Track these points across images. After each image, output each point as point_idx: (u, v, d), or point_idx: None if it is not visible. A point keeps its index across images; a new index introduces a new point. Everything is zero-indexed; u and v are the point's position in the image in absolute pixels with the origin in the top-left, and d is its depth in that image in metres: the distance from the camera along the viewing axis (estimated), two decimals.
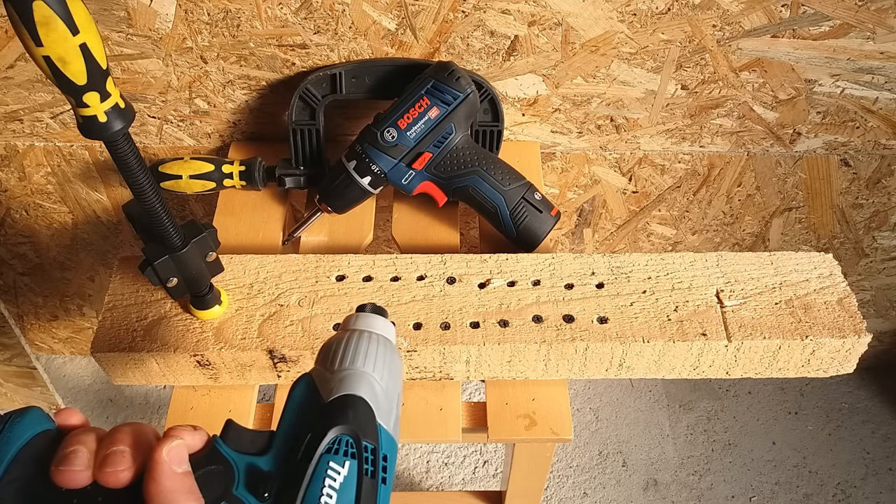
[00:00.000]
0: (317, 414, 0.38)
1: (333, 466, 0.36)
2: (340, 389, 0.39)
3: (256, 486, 0.35)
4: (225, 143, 0.96)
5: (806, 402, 1.40)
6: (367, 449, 0.37)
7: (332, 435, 0.36)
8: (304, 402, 0.39)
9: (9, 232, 1.13)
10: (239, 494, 0.35)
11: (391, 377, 0.41)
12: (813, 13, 0.80)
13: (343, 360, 0.40)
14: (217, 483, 0.35)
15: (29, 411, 0.35)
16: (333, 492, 0.35)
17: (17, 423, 0.34)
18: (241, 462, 0.36)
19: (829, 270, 0.70)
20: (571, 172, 1.01)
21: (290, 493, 0.35)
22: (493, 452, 1.34)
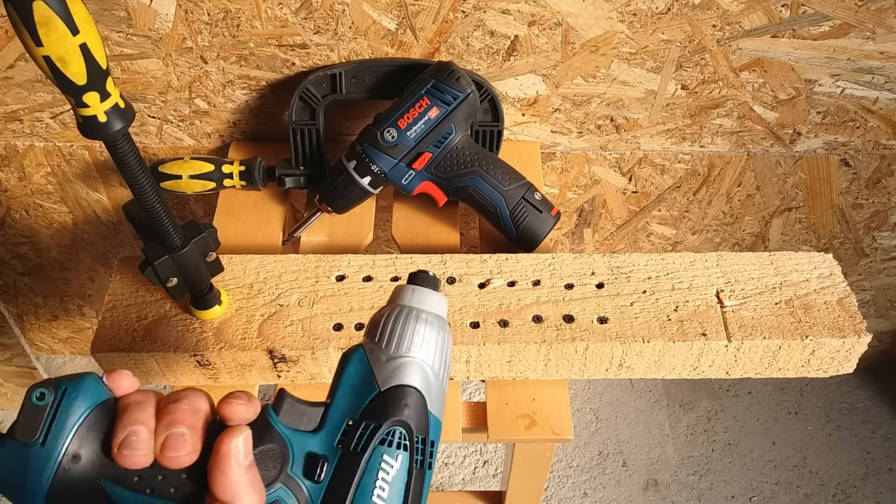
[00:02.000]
0: (371, 400, 0.38)
1: (387, 459, 0.37)
2: (395, 379, 0.39)
3: (310, 468, 0.36)
4: (225, 143, 0.96)
5: (806, 402, 1.40)
6: (419, 440, 0.38)
7: (387, 427, 0.37)
8: (358, 383, 0.39)
9: (9, 232, 1.13)
10: (293, 475, 0.36)
11: (442, 361, 0.42)
12: (813, 13, 0.80)
13: (399, 346, 0.40)
14: (273, 463, 0.36)
15: (84, 380, 0.35)
16: (386, 484, 0.36)
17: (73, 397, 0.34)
18: (295, 441, 0.37)
19: (829, 270, 0.70)
20: (571, 172, 1.01)
21: (343, 480, 0.36)
22: (493, 452, 1.34)
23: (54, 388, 0.34)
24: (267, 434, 0.37)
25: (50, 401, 0.34)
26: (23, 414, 0.34)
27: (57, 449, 0.33)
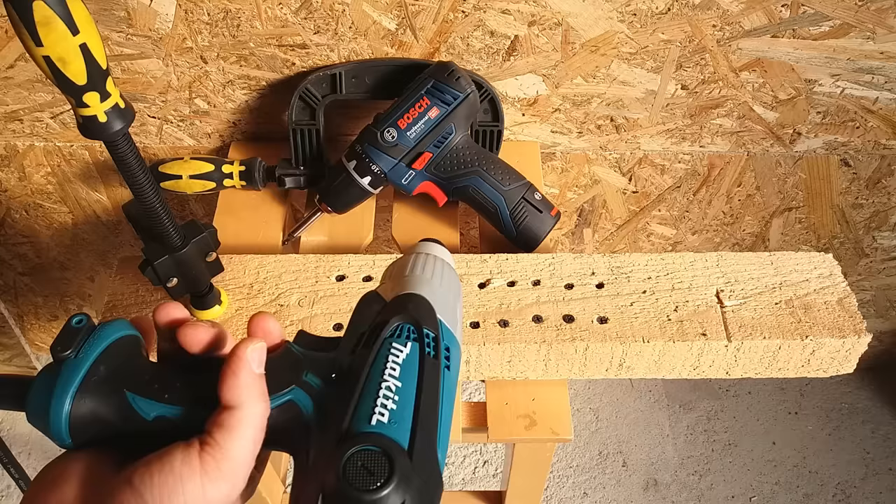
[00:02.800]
0: (379, 312, 0.39)
1: (396, 346, 0.37)
2: (402, 290, 0.41)
3: (324, 371, 0.37)
4: (225, 143, 0.96)
5: (806, 402, 1.40)
6: (428, 335, 0.38)
7: (395, 322, 0.38)
8: (368, 308, 0.40)
9: (9, 232, 1.13)
10: (308, 380, 0.37)
11: (451, 288, 0.43)
12: (813, 13, 0.80)
13: (402, 271, 0.42)
14: (288, 368, 0.37)
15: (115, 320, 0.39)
16: (396, 366, 0.36)
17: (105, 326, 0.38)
18: (310, 357, 0.38)
19: (829, 270, 0.70)
20: (571, 172, 1.01)
21: (355, 372, 0.36)
22: (493, 452, 1.34)
23: (89, 317, 0.38)
24: (284, 350, 0.39)
25: (85, 325, 0.37)
26: (62, 334, 0.37)
27: (87, 361, 0.36)
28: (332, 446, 0.33)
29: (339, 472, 0.31)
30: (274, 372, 0.37)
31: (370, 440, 0.32)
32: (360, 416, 0.34)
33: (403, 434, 0.33)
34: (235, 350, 0.35)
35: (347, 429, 0.33)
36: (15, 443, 1.34)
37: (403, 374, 0.36)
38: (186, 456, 0.33)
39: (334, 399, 0.36)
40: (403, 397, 0.35)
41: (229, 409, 0.34)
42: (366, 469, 0.31)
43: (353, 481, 0.31)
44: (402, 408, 0.34)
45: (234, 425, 0.34)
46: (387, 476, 0.31)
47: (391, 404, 0.34)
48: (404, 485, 0.31)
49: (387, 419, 0.33)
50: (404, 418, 0.34)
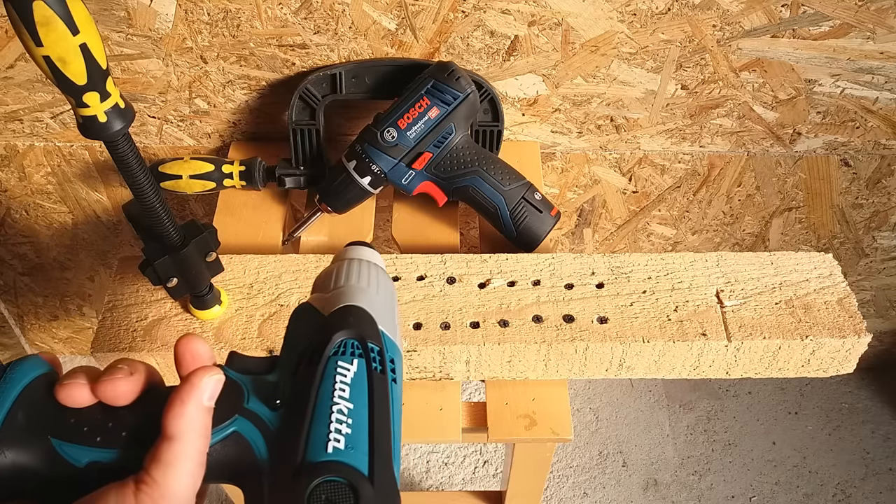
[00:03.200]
0: (318, 328, 0.37)
1: (342, 365, 0.35)
2: (339, 302, 0.39)
3: (267, 396, 0.35)
4: (225, 143, 0.96)
5: (806, 402, 1.40)
6: (373, 350, 0.37)
7: (337, 339, 0.36)
8: (305, 323, 0.38)
9: (9, 232, 1.13)
10: (251, 407, 0.35)
11: (387, 294, 0.41)
12: (813, 13, 0.80)
13: (337, 281, 0.40)
14: (228, 399, 0.34)
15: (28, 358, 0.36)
16: (346, 386, 0.34)
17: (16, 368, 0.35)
18: (249, 381, 0.36)
19: (829, 270, 0.70)
20: (571, 172, 1.01)
21: (302, 396, 0.34)
22: (493, 452, 1.34)
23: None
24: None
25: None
26: None
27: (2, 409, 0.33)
28: (289, 479, 0.31)
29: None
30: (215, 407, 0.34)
31: (330, 470, 0.31)
32: (314, 444, 0.32)
33: (362, 459, 0.32)
34: (191, 377, 0.33)
35: (303, 460, 0.32)
36: None
37: (353, 393, 0.34)
38: (121, 495, 0.31)
39: (282, 426, 0.34)
40: (357, 419, 0.34)
41: (169, 440, 0.32)
42: (330, 503, 0.30)
43: None
44: (357, 430, 0.33)
45: (172, 460, 0.31)
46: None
47: (345, 428, 0.33)
48: None
49: (343, 445, 0.32)
50: (360, 441, 0.33)
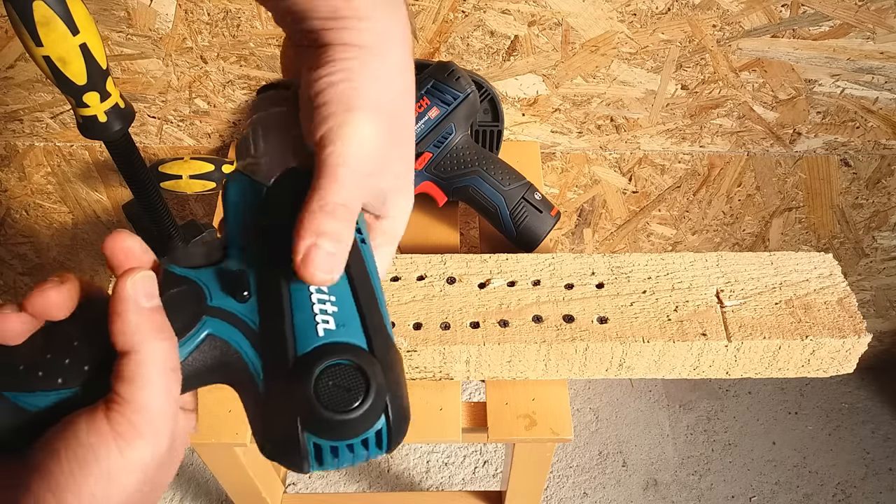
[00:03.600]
0: (266, 201, 0.33)
1: None
2: (279, 166, 0.34)
3: (231, 288, 0.31)
4: (225, 143, 0.96)
5: (806, 402, 1.40)
6: None
7: None
8: (245, 195, 0.34)
9: (9, 232, 1.13)
10: (217, 304, 0.31)
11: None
12: (813, 13, 0.80)
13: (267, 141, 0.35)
14: (187, 302, 0.31)
15: None
16: None
17: None
18: (204, 276, 0.32)
19: (829, 270, 0.70)
20: (571, 172, 1.01)
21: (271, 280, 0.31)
22: (493, 452, 1.34)
23: None
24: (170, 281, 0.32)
25: None
26: None
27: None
28: (287, 375, 0.29)
29: (313, 400, 0.28)
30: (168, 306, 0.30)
31: (328, 354, 0.29)
32: (302, 331, 0.30)
33: (357, 333, 0.30)
34: (115, 288, 0.30)
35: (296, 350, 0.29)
36: None
37: None
38: (92, 422, 0.28)
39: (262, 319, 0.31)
40: (338, 293, 0.31)
41: (125, 355, 0.29)
42: (339, 388, 0.29)
43: (331, 405, 0.28)
44: (343, 305, 0.31)
45: (135, 373, 0.29)
46: (365, 387, 0.29)
47: (330, 306, 0.31)
48: (381, 386, 0.29)
49: (333, 324, 0.30)
50: (350, 316, 0.31)
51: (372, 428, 0.29)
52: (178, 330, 0.30)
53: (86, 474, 0.28)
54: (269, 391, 0.30)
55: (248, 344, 0.30)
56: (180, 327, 0.30)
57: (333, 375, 0.29)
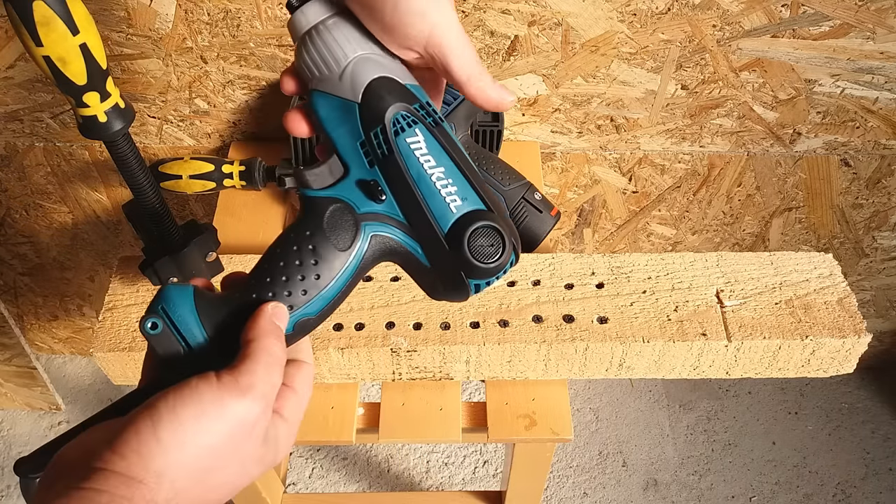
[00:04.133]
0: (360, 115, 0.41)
1: (410, 140, 0.40)
2: (359, 84, 0.40)
3: (371, 194, 0.40)
4: (225, 143, 0.96)
5: (806, 402, 1.40)
6: (418, 109, 0.41)
7: (390, 120, 0.40)
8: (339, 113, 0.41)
9: (9, 232, 1.13)
10: (365, 210, 0.40)
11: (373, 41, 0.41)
12: (813, 13, 0.80)
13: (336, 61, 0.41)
14: (344, 216, 0.40)
15: (167, 292, 0.39)
16: (427, 155, 0.40)
17: (175, 306, 0.39)
18: (340, 191, 0.41)
19: (829, 270, 0.70)
20: (571, 172, 1.01)
21: (400, 182, 0.40)
22: (493, 452, 1.34)
23: (157, 314, 0.39)
24: (315, 207, 0.40)
25: (163, 325, 0.38)
26: (155, 346, 0.38)
27: (201, 341, 0.38)
28: (442, 245, 0.40)
29: (470, 258, 0.39)
30: (335, 224, 0.40)
31: (467, 223, 0.40)
32: (440, 213, 0.40)
33: (476, 199, 0.41)
34: (260, 307, 0.39)
35: (441, 228, 0.40)
36: (15, 443, 1.34)
37: (435, 157, 0.40)
38: (204, 376, 0.35)
39: (404, 212, 0.40)
40: (452, 174, 0.40)
41: (246, 342, 0.37)
42: (484, 245, 0.40)
43: (483, 258, 0.40)
44: (459, 182, 0.40)
45: (252, 353, 0.36)
46: (500, 238, 0.40)
47: (451, 187, 0.40)
48: (508, 231, 0.40)
49: (460, 200, 0.40)
50: (466, 187, 0.41)
51: (510, 263, 0.41)
52: (349, 239, 0.40)
53: (184, 405, 0.33)
54: (433, 262, 0.41)
55: (402, 232, 0.41)
56: (350, 237, 0.40)
57: (477, 237, 0.40)
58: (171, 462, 0.32)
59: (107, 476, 0.32)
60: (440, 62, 0.40)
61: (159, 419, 0.33)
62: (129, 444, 0.32)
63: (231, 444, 0.34)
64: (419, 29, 0.39)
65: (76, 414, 1.37)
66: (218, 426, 0.34)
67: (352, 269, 0.41)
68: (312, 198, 0.41)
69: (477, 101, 0.41)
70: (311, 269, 0.40)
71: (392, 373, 0.68)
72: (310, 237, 0.40)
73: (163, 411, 0.33)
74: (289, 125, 0.42)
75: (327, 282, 0.40)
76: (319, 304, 0.41)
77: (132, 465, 0.32)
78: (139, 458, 0.32)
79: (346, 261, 0.40)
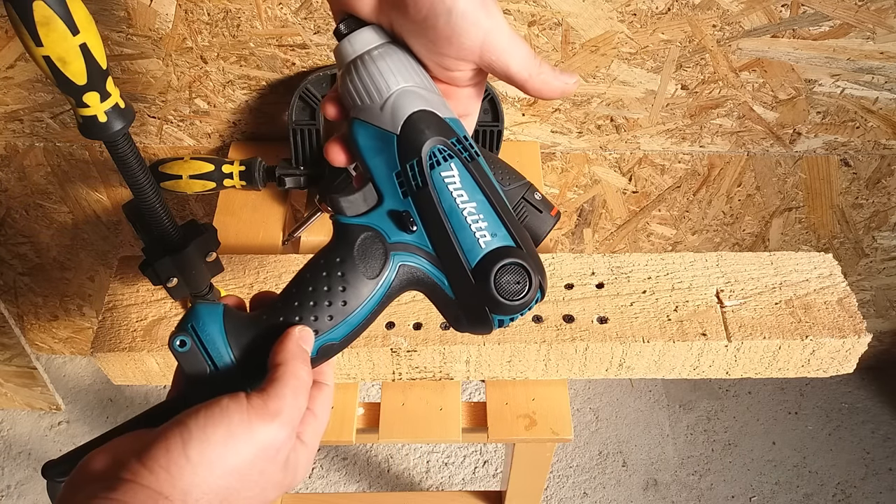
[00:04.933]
0: (398, 146, 0.41)
1: (445, 174, 0.41)
2: (399, 117, 0.41)
3: (402, 225, 0.41)
4: (225, 143, 0.96)
5: (806, 402, 1.40)
6: (455, 144, 0.41)
7: (426, 153, 0.40)
8: (377, 143, 0.41)
9: (9, 232, 1.13)
10: (395, 240, 0.41)
11: (417, 72, 0.42)
12: (813, 13, 0.80)
13: (378, 92, 0.41)
14: (376, 245, 0.41)
15: (197, 311, 0.40)
16: (460, 189, 0.41)
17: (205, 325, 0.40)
18: (373, 220, 0.41)
19: (829, 270, 0.70)
20: (571, 172, 1.01)
21: (431, 215, 0.41)
22: (493, 452, 1.34)
23: (187, 332, 0.39)
24: (347, 234, 0.41)
25: (191, 343, 0.39)
26: (182, 364, 0.39)
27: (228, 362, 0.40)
28: (468, 279, 0.40)
29: (496, 295, 0.40)
30: (366, 252, 0.41)
31: (495, 259, 0.40)
32: (469, 248, 0.40)
33: (506, 236, 0.41)
34: (288, 331, 0.40)
35: (469, 263, 0.40)
36: (15, 443, 1.34)
37: (468, 192, 0.41)
38: (235, 397, 0.36)
39: (433, 244, 0.41)
40: (484, 210, 0.41)
41: (274, 366, 0.38)
42: (510, 282, 0.40)
43: (509, 296, 0.40)
44: (490, 218, 0.41)
45: (281, 376, 0.37)
46: (528, 276, 0.40)
47: (482, 223, 0.41)
48: (535, 269, 0.41)
49: (489, 236, 0.41)
50: (496, 223, 0.41)
51: (535, 300, 0.41)
52: (377, 267, 0.41)
53: (214, 427, 0.34)
54: (458, 295, 0.41)
55: (429, 263, 0.42)
56: (378, 265, 0.41)
57: (504, 273, 0.40)
58: (199, 482, 0.33)
59: (134, 489, 0.33)
60: (499, 66, 0.40)
61: (189, 437, 0.34)
62: (159, 459, 0.33)
63: (256, 468, 0.35)
64: (474, 36, 0.39)
65: (76, 414, 1.37)
66: (246, 449, 0.34)
67: (378, 297, 0.41)
68: (346, 224, 0.41)
69: (542, 95, 0.42)
70: (339, 295, 0.41)
71: (392, 373, 0.68)
72: (340, 264, 0.41)
73: (193, 430, 0.34)
74: (329, 155, 0.43)
75: (353, 308, 0.41)
76: (344, 329, 0.42)
77: (160, 481, 0.33)
78: (168, 475, 0.33)
79: (373, 289, 0.41)
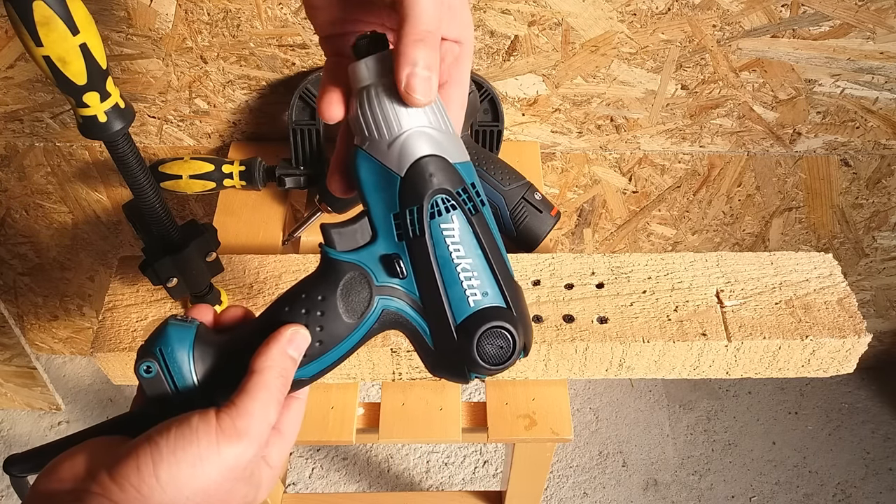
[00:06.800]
0: (400, 188, 0.39)
1: (445, 226, 0.39)
2: (407, 159, 0.39)
3: (391, 269, 0.40)
4: (225, 143, 0.96)
5: (806, 402, 1.40)
6: (460, 193, 0.39)
7: (428, 202, 0.39)
8: (379, 180, 0.39)
9: (9, 232, 1.13)
10: (382, 283, 0.40)
11: (435, 112, 0.39)
12: (813, 13, 0.80)
13: (389, 128, 0.39)
14: (361, 286, 0.40)
15: (167, 332, 0.39)
16: (457, 244, 0.39)
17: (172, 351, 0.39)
18: (363, 258, 0.40)
19: (829, 270, 0.70)
20: (571, 172, 1.01)
21: (424, 264, 0.39)
22: (493, 452, 1.34)
23: (154, 357, 0.38)
24: (335, 270, 0.40)
25: (157, 369, 0.38)
26: (145, 388, 0.38)
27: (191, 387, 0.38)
28: (452, 337, 0.39)
29: (476, 358, 0.39)
30: (350, 291, 0.39)
31: (482, 320, 0.39)
32: (457, 304, 0.39)
33: (497, 296, 0.40)
34: (281, 328, 0.39)
35: (455, 319, 0.39)
36: (15, 443, 1.34)
37: (465, 246, 0.39)
38: (204, 416, 0.36)
39: (421, 293, 0.40)
40: (479, 267, 0.40)
41: (251, 374, 0.37)
42: (494, 345, 0.39)
43: (490, 360, 0.39)
44: (483, 275, 0.40)
45: (252, 388, 0.37)
46: (513, 342, 0.39)
47: (474, 280, 0.39)
48: (522, 333, 0.40)
49: (480, 295, 0.39)
50: (490, 282, 0.40)
51: (517, 360, 0.40)
52: (360, 310, 0.40)
53: (184, 449, 0.34)
54: (438, 347, 0.40)
55: (414, 311, 0.40)
56: (361, 308, 0.40)
57: (488, 336, 0.39)
58: (167, 501, 0.34)
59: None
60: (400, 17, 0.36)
61: (160, 459, 0.34)
62: (129, 478, 0.34)
63: (223, 488, 0.36)
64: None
65: (76, 414, 1.37)
66: (214, 470, 0.35)
67: (356, 339, 0.40)
68: (334, 260, 0.40)
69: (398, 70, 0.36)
70: (316, 334, 0.39)
71: (392, 373, 0.68)
72: (321, 302, 0.39)
73: (164, 451, 0.34)
74: (331, 185, 0.42)
75: (327, 349, 0.40)
76: (315, 368, 0.40)
77: (130, 499, 0.34)
78: (138, 493, 0.34)
79: (351, 330, 0.40)
